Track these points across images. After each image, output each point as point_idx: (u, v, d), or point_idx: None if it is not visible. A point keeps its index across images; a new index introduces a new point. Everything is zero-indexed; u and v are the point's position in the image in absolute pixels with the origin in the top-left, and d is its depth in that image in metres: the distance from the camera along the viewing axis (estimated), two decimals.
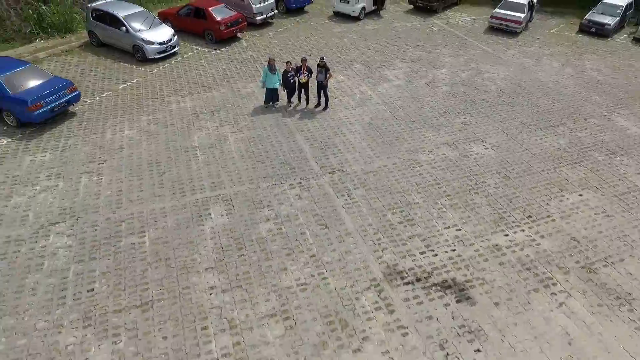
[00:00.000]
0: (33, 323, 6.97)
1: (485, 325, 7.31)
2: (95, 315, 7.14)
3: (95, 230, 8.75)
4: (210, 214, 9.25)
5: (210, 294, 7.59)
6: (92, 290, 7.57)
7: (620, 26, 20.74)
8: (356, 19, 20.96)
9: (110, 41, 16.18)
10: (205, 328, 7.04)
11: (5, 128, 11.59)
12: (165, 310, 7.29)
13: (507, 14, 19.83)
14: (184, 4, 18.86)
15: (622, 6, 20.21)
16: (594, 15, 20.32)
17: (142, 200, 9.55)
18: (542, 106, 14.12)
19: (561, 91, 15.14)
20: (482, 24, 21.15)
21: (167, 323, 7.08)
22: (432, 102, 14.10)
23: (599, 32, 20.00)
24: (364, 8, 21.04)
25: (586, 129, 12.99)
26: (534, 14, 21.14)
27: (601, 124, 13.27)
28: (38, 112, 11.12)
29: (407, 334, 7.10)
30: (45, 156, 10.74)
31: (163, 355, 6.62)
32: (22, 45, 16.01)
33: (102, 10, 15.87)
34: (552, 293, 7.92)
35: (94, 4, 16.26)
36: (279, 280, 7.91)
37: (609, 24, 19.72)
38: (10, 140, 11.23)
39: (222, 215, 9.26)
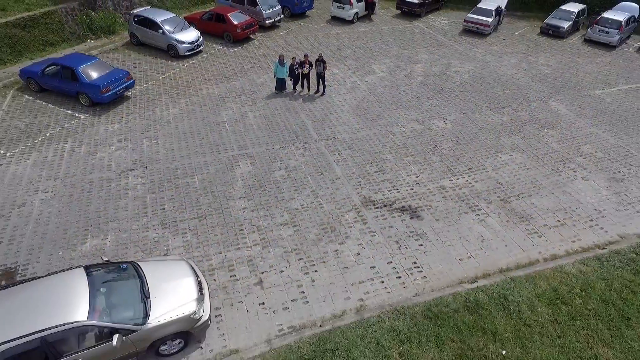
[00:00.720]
0: (129, 225, 10.65)
1: (427, 231, 10.96)
2: (168, 222, 10.81)
3: (160, 174, 12.42)
4: (239, 165, 12.92)
5: (243, 212, 11.24)
6: (164, 208, 11.23)
7: (575, 29, 24.38)
8: (350, 22, 24.63)
9: (148, 41, 19.85)
10: (241, 230, 10.69)
11: (80, 107, 15.27)
12: (214, 220, 10.94)
13: (478, 19, 23.48)
14: (206, 10, 22.55)
15: (575, 12, 23.84)
16: (552, 20, 23.97)
17: (189, 156, 13.22)
18: (495, 93, 17.78)
19: (513, 82, 18.79)
20: (457, 26, 24.81)
21: (216, 227, 10.74)
22: (407, 90, 17.76)
23: (556, 34, 23.66)
24: (357, 13, 24.71)
25: (526, 110, 16.64)
26: (502, 18, 24.79)
27: (539, 106, 16.92)
28: (107, 94, 14.81)
29: (374, 234, 10.76)
30: (114, 126, 14.42)
31: (215, 244, 10.27)
32: (77, 44, 19.68)
33: (142, 16, 19.55)
34: (477, 214, 11.56)
35: (135, 11, 19.95)
36: (289, 205, 11.56)
37: (563, 27, 23.36)
38: (86, 115, 14.91)
39: (248, 166, 12.92)
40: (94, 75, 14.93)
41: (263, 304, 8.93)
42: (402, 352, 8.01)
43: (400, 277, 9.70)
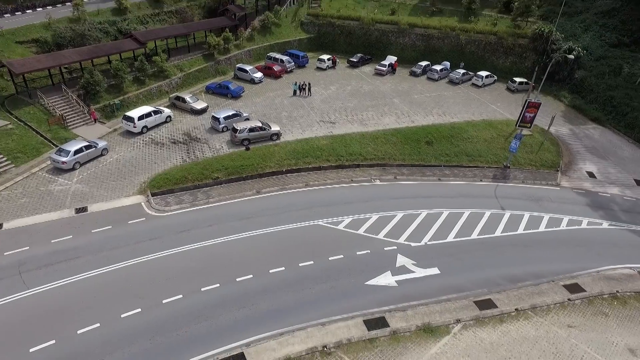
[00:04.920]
0: (262, 115, 40.28)
1: (337, 127, 40.43)
2: (267, 119, 40.36)
3: (261, 112, 42.06)
4: (283, 113, 42.60)
5: (285, 120, 40.77)
6: (265, 115, 40.76)
7: (424, 73, 54.60)
8: (324, 70, 55.04)
9: (241, 77, 50.03)
10: (283, 122, 40.18)
11: (227, 99, 45.14)
12: (277, 119, 40.42)
13: (380, 68, 53.89)
14: (262, 64, 53.07)
15: (423, 65, 54.24)
16: (413, 68, 54.36)
17: (269, 110, 42.90)
18: (374, 96, 47.71)
19: (383, 92, 48.77)
20: (372, 71, 55.17)
21: (276, 120, 40.22)
22: (342, 95, 47.73)
23: (414, 75, 53.98)
24: (328, 65, 55.16)
25: (382, 101, 46.47)
26: (393, 68, 55.10)
27: (387, 100, 46.81)
28: (238, 94, 44.87)
29: (321, 126, 40.28)
30: (241, 103, 44.26)
31: (278, 124, 39.72)
32: (214, 78, 49.81)
33: (239, 67, 49.94)
34: (351, 124, 41.07)
35: (237, 65, 50.44)
36: (297, 121, 41.11)
37: (417, 72, 53.71)
38: (231, 101, 44.80)
39: (286, 113, 42.60)
40: (233, 87, 44.99)
41: (292, 134, 38.30)
42: (325, 139, 37.36)
43: (326, 133, 39.07)
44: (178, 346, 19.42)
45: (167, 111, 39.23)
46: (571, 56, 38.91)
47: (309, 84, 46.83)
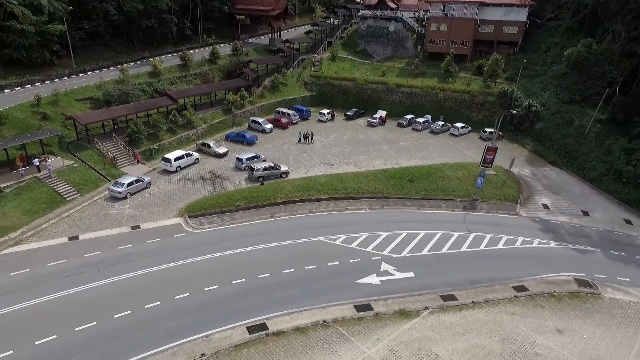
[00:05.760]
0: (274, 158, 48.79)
1: (335, 167, 48.95)
2: (282, 160, 48.89)
3: (272, 154, 50.74)
4: (290, 158, 51.28)
5: (292, 161, 49.32)
6: (276, 158, 49.28)
7: (409, 124, 64.08)
8: (325, 122, 64.60)
9: (254, 127, 59.31)
10: (290, 163, 48.66)
11: (244, 145, 54.06)
12: (285, 161, 48.93)
13: (371, 120, 63.44)
14: (271, 117, 62.69)
15: (408, 118, 63.83)
16: (399, 120, 63.89)
17: (279, 154, 51.61)
18: (366, 144, 56.70)
19: (373, 140, 57.82)
20: (365, 123, 64.67)
21: (284, 160, 48.73)
22: (339, 142, 56.76)
23: (401, 126, 63.41)
24: (327, 118, 64.79)
25: (372, 147, 55.37)
26: (383, 121, 64.71)
27: (377, 146, 55.72)
28: (253, 141, 53.83)
29: (322, 167, 48.79)
30: (257, 148, 53.07)
31: (284, 163, 48.19)
32: (231, 128, 59.12)
33: (254, 119, 59.39)
34: (346, 164, 49.60)
35: (252, 118, 59.95)
36: (304, 162, 49.67)
37: (403, 123, 63.19)
38: (245, 147, 53.68)
39: (292, 157, 51.30)
40: (249, 136, 54.03)
41: (297, 173, 46.67)
42: (325, 177, 45.66)
43: (325, 173, 47.45)
44: (217, 318, 26.44)
45: (195, 154, 47.89)
46: (514, 112, 48.01)
47: (312, 133, 56.01)
